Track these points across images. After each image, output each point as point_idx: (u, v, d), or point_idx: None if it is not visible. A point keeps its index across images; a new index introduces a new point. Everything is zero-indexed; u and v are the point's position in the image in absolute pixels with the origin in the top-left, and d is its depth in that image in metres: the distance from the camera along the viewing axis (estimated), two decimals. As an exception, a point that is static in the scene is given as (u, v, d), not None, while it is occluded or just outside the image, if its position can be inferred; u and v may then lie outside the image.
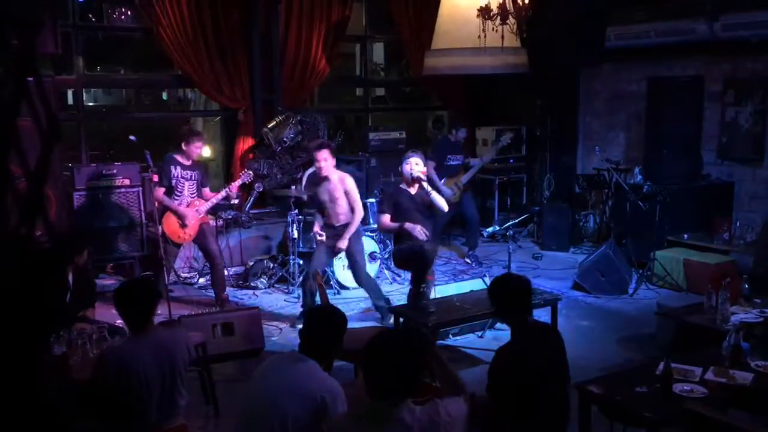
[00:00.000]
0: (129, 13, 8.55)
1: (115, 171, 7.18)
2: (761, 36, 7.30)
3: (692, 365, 3.78)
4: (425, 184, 5.94)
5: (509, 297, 3.54)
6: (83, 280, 5.01)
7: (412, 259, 5.72)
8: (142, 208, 7.23)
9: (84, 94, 8.96)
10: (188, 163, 6.58)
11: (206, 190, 6.75)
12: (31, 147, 1.62)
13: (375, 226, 7.77)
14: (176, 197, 6.54)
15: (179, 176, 6.54)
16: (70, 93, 8.90)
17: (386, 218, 5.97)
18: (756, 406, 3.39)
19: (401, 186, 6.04)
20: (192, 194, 6.63)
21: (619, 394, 3.59)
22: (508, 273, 3.82)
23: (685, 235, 7.49)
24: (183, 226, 6.54)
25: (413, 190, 5.95)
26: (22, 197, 1.65)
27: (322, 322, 3.14)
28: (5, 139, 1.62)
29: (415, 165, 5.92)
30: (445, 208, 6.06)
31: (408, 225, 5.80)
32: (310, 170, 8.11)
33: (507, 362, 3.32)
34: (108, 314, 4.91)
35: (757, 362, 3.82)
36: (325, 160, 6.14)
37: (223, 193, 6.74)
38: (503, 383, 3.29)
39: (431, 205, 5.93)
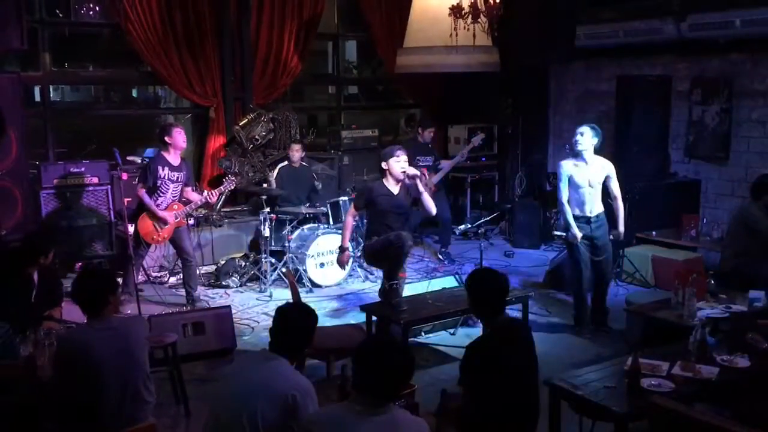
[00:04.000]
0: (97, 8, 8.44)
1: (83, 169, 7.08)
2: (727, 36, 7.43)
3: (660, 360, 3.83)
4: (420, 184, 5.67)
5: (486, 293, 3.53)
6: (49, 279, 4.94)
7: (385, 253, 5.55)
8: (111, 206, 7.13)
9: (51, 90, 8.82)
10: (176, 163, 6.45)
11: (188, 190, 6.64)
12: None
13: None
14: (157, 197, 6.43)
15: (166, 177, 6.40)
16: (36, 90, 8.75)
17: (351, 215, 5.87)
18: (721, 399, 3.45)
19: (384, 184, 5.70)
20: (174, 197, 6.51)
21: (588, 388, 3.63)
22: (487, 269, 3.81)
23: (654, 232, 7.59)
24: (158, 228, 6.45)
25: (396, 190, 5.69)
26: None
27: (292, 319, 3.13)
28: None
29: (405, 162, 5.64)
30: (434, 211, 5.88)
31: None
32: (282, 164, 8.07)
33: (477, 357, 3.36)
34: (75, 313, 4.82)
35: (723, 357, 3.89)
36: None
37: (203, 199, 6.65)
38: (474, 378, 3.32)
39: (414, 205, 5.79)
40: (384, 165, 5.65)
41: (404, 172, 5.64)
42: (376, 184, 5.79)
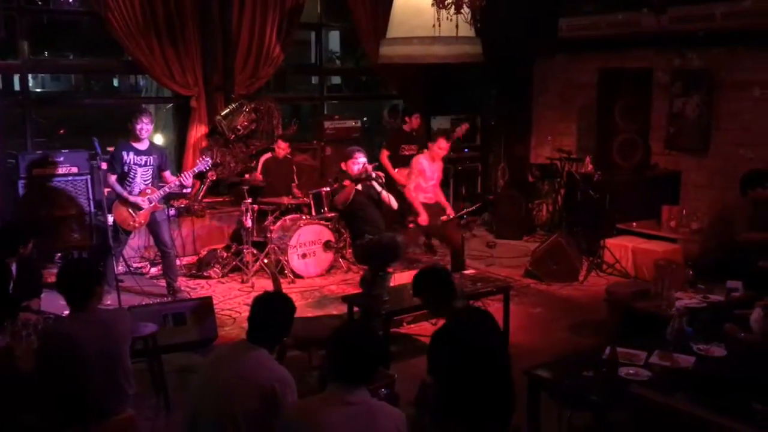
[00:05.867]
0: (77, -4, 8.34)
1: (62, 158, 7.00)
2: (707, 28, 7.48)
3: (638, 349, 3.87)
4: (376, 185, 5.95)
5: (431, 289, 3.69)
6: (28, 269, 4.88)
7: (378, 254, 5.64)
8: (91, 196, 7.06)
9: (31, 80, 8.72)
10: (143, 147, 6.41)
11: (167, 174, 6.60)
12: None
13: (332, 215, 7.75)
14: (128, 184, 6.40)
15: (132, 162, 6.37)
16: (16, 78, 8.64)
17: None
18: (697, 388, 3.49)
19: (344, 186, 5.91)
20: (145, 181, 6.48)
21: (567, 378, 3.66)
22: (424, 268, 3.94)
23: (634, 224, 7.66)
24: (133, 213, 6.41)
25: (360, 186, 5.91)
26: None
27: (269, 308, 3.12)
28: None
29: (361, 165, 5.92)
30: (395, 205, 6.12)
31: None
32: (266, 156, 8.05)
33: (442, 344, 3.40)
34: (54, 304, 4.80)
35: (699, 346, 3.93)
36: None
37: (177, 181, 6.62)
38: (442, 365, 3.35)
39: (380, 201, 5.96)
40: (343, 166, 5.85)
41: (361, 172, 5.84)
42: (338, 188, 6.02)
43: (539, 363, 3.95)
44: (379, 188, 5.96)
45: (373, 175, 5.98)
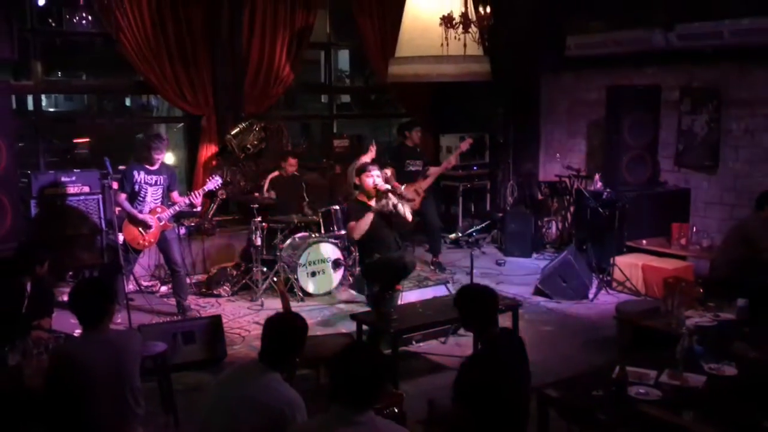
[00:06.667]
0: (89, 17, 8.45)
1: (74, 178, 7.07)
2: (715, 45, 7.49)
3: (647, 368, 3.85)
4: (392, 197, 5.88)
5: (476, 309, 3.54)
6: (41, 288, 4.93)
7: (386, 272, 5.64)
8: (102, 215, 7.12)
9: (44, 99, 8.82)
10: (154, 168, 6.49)
11: (175, 194, 6.67)
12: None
13: (341, 233, 7.77)
14: (138, 203, 6.47)
15: (142, 181, 6.46)
16: (29, 99, 8.74)
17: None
18: (708, 408, 3.47)
19: (358, 200, 5.89)
20: (156, 200, 6.54)
21: (576, 397, 3.65)
22: (476, 285, 3.84)
23: (644, 241, 7.63)
24: (143, 232, 6.47)
25: (373, 203, 5.84)
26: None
27: (281, 329, 3.11)
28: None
29: (377, 177, 5.88)
30: (410, 217, 6.04)
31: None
32: (274, 174, 8.10)
33: (472, 377, 3.30)
34: (65, 323, 4.84)
35: (710, 365, 3.91)
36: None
37: (187, 200, 6.68)
38: (469, 397, 3.28)
39: (395, 215, 5.93)
40: (357, 180, 5.80)
41: (376, 186, 5.77)
42: (352, 204, 5.95)
43: (549, 381, 3.94)
44: (395, 200, 5.87)
45: (389, 187, 5.92)
